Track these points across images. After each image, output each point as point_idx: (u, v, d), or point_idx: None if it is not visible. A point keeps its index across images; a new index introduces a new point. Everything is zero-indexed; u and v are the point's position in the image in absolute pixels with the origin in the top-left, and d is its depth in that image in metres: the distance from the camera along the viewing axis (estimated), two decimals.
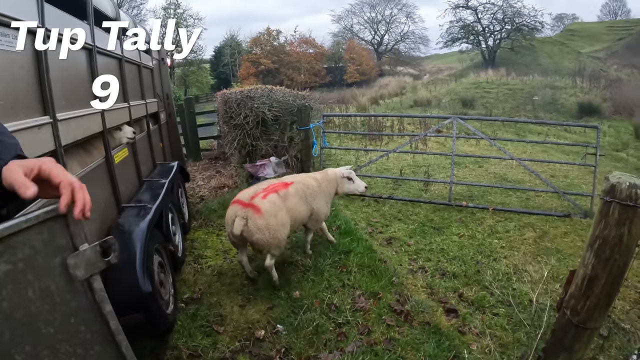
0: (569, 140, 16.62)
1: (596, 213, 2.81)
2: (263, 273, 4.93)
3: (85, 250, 1.38)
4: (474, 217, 7.47)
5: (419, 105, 27.33)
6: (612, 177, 2.71)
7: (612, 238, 2.69)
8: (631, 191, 2.59)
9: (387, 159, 10.70)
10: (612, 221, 2.67)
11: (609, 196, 2.67)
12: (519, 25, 49.19)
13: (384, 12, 66.37)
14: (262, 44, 59.25)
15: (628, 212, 2.62)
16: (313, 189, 5.08)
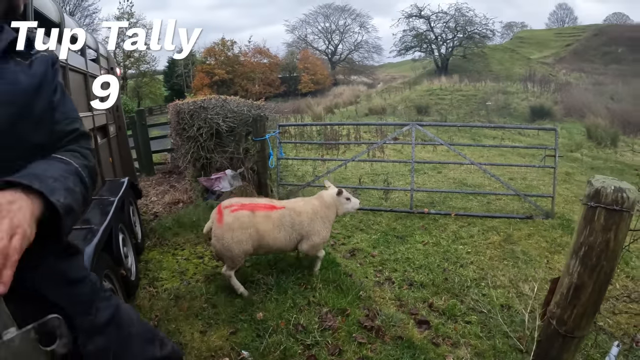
0: (523, 143, 16.77)
1: (579, 219, 2.70)
2: (223, 294, 4.66)
3: (12, 340, 0.97)
4: (437, 224, 7.38)
5: (374, 113, 27.46)
6: (596, 182, 2.60)
7: (599, 244, 2.58)
8: (617, 195, 2.49)
9: (345, 168, 10.54)
10: (597, 227, 2.56)
11: (593, 201, 2.56)
12: (470, 33, 50.07)
13: (337, 22, 67.03)
14: (217, 54, 58.70)
15: (614, 217, 2.52)
16: (304, 217, 4.86)
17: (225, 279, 4.77)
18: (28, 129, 1.42)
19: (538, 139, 17.88)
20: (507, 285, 5.25)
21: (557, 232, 7.11)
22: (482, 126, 15.30)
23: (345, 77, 62.60)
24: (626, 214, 2.54)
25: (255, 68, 58.03)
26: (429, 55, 52.69)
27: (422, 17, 51.52)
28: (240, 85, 55.78)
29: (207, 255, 5.89)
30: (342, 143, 13.37)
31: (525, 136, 18.44)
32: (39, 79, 1.49)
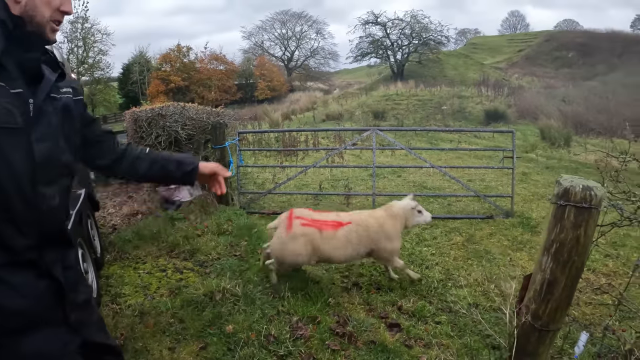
0: (480, 146, 17.05)
1: (549, 218, 2.74)
2: (190, 308, 4.54)
3: None
4: None
5: (331, 119, 27.55)
6: (564, 181, 2.66)
7: (570, 240, 2.64)
8: (585, 193, 2.56)
9: (305, 174, 10.46)
10: (568, 224, 2.63)
11: (562, 200, 2.62)
12: (426, 39, 50.65)
13: (294, 28, 67.09)
14: (172, 61, 57.70)
15: (584, 214, 2.59)
16: (372, 230, 4.92)
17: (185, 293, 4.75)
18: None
19: (494, 141, 18.25)
20: (473, 284, 5.32)
21: (517, 230, 7.28)
22: (440, 130, 15.43)
23: (301, 83, 62.54)
24: (594, 210, 2.61)
25: (211, 75, 57.30)
26: (385, 61, 53.13)
27: (378, 23, 52.00)
28: (197, 92, 54.93)
29: (169, 268, 5.72)
30: (302, 149, 13.29)
31: (481, 139, 18.76)
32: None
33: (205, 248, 6.10)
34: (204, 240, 6.35)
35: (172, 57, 58.21)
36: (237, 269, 5.38)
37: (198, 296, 4.62)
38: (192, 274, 5.45)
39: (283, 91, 58.60)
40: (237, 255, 5.92)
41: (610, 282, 5.55)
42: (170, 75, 55.90)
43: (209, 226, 6.92)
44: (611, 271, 5.86)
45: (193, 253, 6.04)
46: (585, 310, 4.83)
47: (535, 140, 18.84)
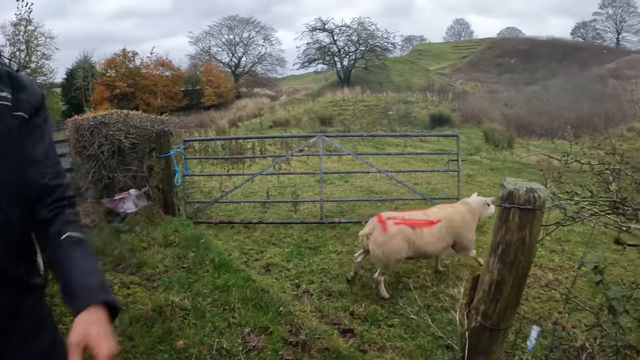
0: (425, 150, 17.43)
1: (495, 220, 2.80)
2: (138, 324, 4.37)
3: None
4: (348, 232, 7.43)
5: (278, 125, 27.54)
6: (508, 184, 2.71)
7: (515, 241, 2.69)
8: (529, 195, 2.61)
9: (252, 182, 10.35)
10: (513, 226, 2.67)
11: (507, 202, 2.66)
12: (372, 46, 50.99)
13: (242, 34, 66.31)
14: (117, 66, 55.84)
15: (528, 216, 2.64)
16: (457, 224, 5.51)
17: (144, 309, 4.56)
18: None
19: (439, 144, 18.55)
20: (423, 286, 5.40)
21: None
22: (386, 135, 15.71)
23: (248, 89, 61.96)
24: (539, 211, 2.67)
25: (157, 81, 55.82)
26: (331, 68, 53.33)
27: (325, 30, 52.05)
28: (142, 98, 53.33)
29: (116, 284, 5.44)
30: (248, 157, 13.20)
31: (426, 142, 19.06)
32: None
33: (152, 261, 5.90)
34: (151, 253, 6.15)
35: (117, 63, 56.31)
36: (185, 281, 5.23)
37: (146, 312, 4.44)
38: (139, 288, 5.22)
39: (230, 98, 57.80)
40: (184, 267, 5.76)
41: (557, 277, 5.77)
42: (115, 81, 53.96)
43: (155, 238, 6.75)
44: (557, 266, 6.12)
45: (140, 267, 5.81)
46: (535, 305, 4.99)
47: (480, 143, 19.33)
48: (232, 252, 6.64)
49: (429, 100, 31.29)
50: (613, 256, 6.22)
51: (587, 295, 5.04)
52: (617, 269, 5.98)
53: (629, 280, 5.44)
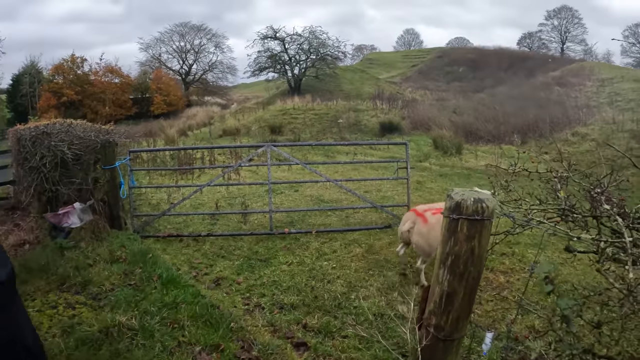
0: (375, 157, 17.53)
1: (442, 231, 2.80)
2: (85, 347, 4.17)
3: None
4: (299, 243, 7.42)
5: (228, 134, 27.30)
6: (455, 195, 2.72)
7: (464, 252, 2.70)
8: (477, 206, 2.62)
9: (201, 193, 10.12)
10: (461, 237, 2.68)
11: (455, 213, 2.68)
12: (323, 55, 51.10)
13: (193, 41, 65.44)
14: (65, 72, 53.87)
15: (476, 226, 2.65)
16: None
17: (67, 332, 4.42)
18: None
19: (389, 152, 18.69)
20: (376, 295, 5.42)
21: None
22: (336, 144, 15.74)
23: (199, 98, 61.10)
24: (487, 222, 2.68)
25: (105, 88, 54.13)
26: (282, 76, 53.24)
27: (277, 38, 51.78)
28: (90, 106, 51.60)
29: (61, 304, 5.22)
30: (196, 168, 13.04)
31: (376, 150, 19.17)
32: None
33: (98, 279, 5.68)
34: (96, 270, 5.92)
35: (65, 69, 54.15)
36: (133, 299, 5.05)
37: (93, 333, 4.26)
38: (85, 308, 5.02)
39: (180, 106, 56.73)
40: (131, 284, 5.56)
41: (509, 279, 5.92)
42: (62, 88, 52.12)
43: (101, 254, 6.53)
44: (508, 268, 6.25)
45: (85, 285, 5.58)
46: (488, 307, 5.10)
47: (429, 150, 19.54)
48: (181, 266, 6.50)
49: (379, 108, 31.48)
50: (562, 256, 6.37)
51: (539, 297, 5.19)
52: (566, 268, 6.14)
53: (578, 279, 5.63)
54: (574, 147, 18.88)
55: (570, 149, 18.49)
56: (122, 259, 6.39)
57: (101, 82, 54.84)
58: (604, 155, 16.27)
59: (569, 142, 19.61)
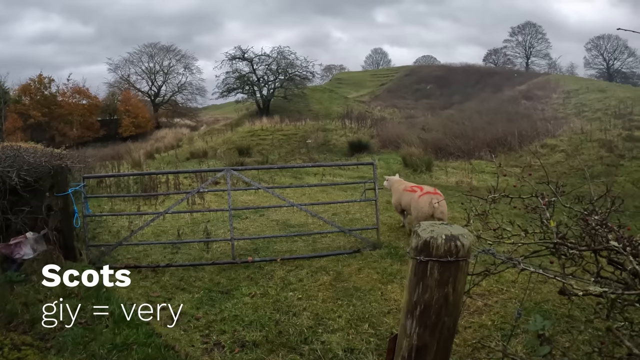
0: (344, 177, 17.52)
1: (409, 274, 2.43)
2: None
3: None
4: (263, 272, 7.08)
5: (195, 157, 26.91)
6: (423, 232, 2.34)
7: (436, 301, 2.32)
8: (450, 245, 2.25)
9: (163, 219, 9.72)
10: (432, 283, 2.30)
11: (423, 255, 2.29)
12: (292, 75, 51.09)
13: (162, 62, 64.77)
14: (32, 93, 52.78)
15: (450, 269, 2.27)
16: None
17: None
18: None
19: (359, 171, 18.51)
20: (345, 327, 5.15)
21: (386, 261, 7.31)
22: (302, 166, 15.48)
23: (168, 119, 60.58)
24: (463, 262, 2.33)
25: (73, 110, 53.08)
26: (250, 97, 53.00)
27: (245, 59, 51.55)
28: (57, 128, 50.41)
29: (6, 345, 4.78)
30: (155, 194, 12.35)
31: (345, 170, 19.01)
32: None
33: (48, 316, 5.26)
34: (47, 307, 5.51)
35: (32, 89, 53.08)
36: (81, 340, 4.69)
37: None
38: (31, 350, 4.65)
39: (149, 128, 56.01)
40: (82, 322, 5.17)
41: (487, 302, 5.68)
42: (29, 109, 51.00)
43: (52, 288, 6.11)
44: (485, 290, 5.99)
45: (34, 323, 5.17)
46: (466, 335, 4.84)
47: (398, 168, 19.38)
48: (137, 300, 6.07)
49: (348, 127, 31.47)
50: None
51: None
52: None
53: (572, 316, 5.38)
54: (544, 159, 19.01)
55: (540, 161, 18.39)
56: (75, 293, 5.97)
57: (69, 104, 53.82)
58: (572, 165, 17.30)
59: (538, 154, 19.76)
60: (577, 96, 31.49)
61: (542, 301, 5.75)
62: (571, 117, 25.46)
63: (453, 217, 10.25)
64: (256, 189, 8.80)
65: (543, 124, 23.79)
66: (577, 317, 5.26)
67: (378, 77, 66.57)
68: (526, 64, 72.50)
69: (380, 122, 33.98)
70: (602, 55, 69.31)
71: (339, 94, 55.31)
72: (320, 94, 53.46)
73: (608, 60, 68.85)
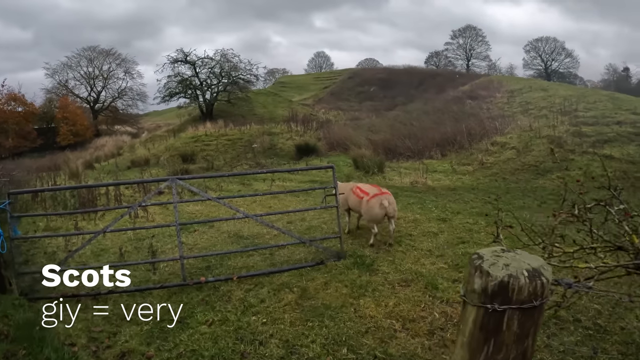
0: (293, 182, 17.13)
1: (469, 327, 1.74)
2: None
3: None
4: (219, 293, 6.33)
5: (137, 165, 25.96)
6: (494, 268, 1.66)
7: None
8: (535, 284, 1.61)
9: (103, 236, 8.64)
10: (509, 338, 1.63)
11: (498, 301, 1.63)
12: (235, 78, 50.45)
13: (102, 66, 62.61)
14: None
15: (533, 316, 1.63)
16: None
17: None
18: None
19: (308, 175, 18.28)
20: (322, 354, 4.62)
21: (353, 272, 6.79)
22: (253, 173, 14.74)
23: (108, 127, 58.62)
24: (544, 305, 1.70)
25: (8, 118, 50.40)
26: (193, 101, 51.92)
27: (187, 62, 50.46)
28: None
29: None
30: (91, 211, 10.49)
31: (295, 175, 18.60)
32: None
33: None
34: None
35: None
36: None
37: None
38: None
39: (88, 136, 53.94)
40: None
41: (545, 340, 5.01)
42: None
43: None
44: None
45: None
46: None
47: (350, 170, 19.26)
48: (77, 338, 5.19)
49: (294, 130, 31.33)
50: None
51: None
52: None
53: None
54: (495, 157, 19.64)
55: (492, 159, 19.24)
56: (4, 334, 5.02)
57: (3, 111, 51.17)
58: (524, 161, 17.95)
59: (489, 152, 20.27)
60: (521, 95, 32.20)
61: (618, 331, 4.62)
62: (518, 115, 26.08)
63: (415, 219, 9.95)
64: (205, 199, 8.04)
65: (491, 123, 24.19)
66: (565, 317, 4.74)
67: (321, 80, 67.41)
68: (467, 65, 76.19)
69: (326, 124, 34.17)
70: (540, 57, 73.70)
71: (283, 98, 55.20)
72: (264, 97, 53.19)
73: (546, 61, 73.31)
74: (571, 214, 2.74)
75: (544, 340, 4.23)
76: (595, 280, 2.28)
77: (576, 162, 17.26)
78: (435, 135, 23.63)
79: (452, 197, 12.90)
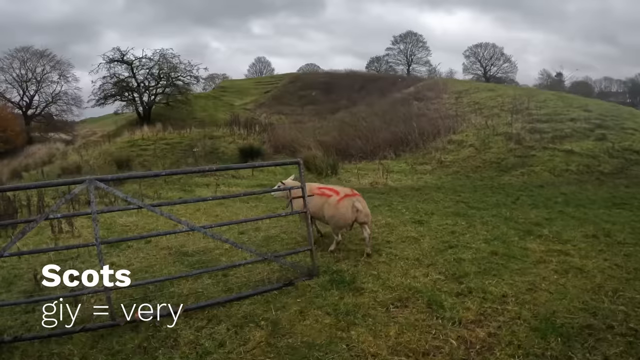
0: (240, 186, 16.26)
1: None
2: None
3: None
4: (162, 335, 4.67)
5: (68, 173, 24.22)
6: None
7: None
8: None
9: (18, 258, 7.04)
10: None
11: None
12: (175, 79, 48.87)
13: (35, 69, 59.12)
14: None
15: None
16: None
17: None
18: None
19: (255, 179, 17.60)
20: None
21: (333, 294, 5.36)
22: (199, 171, 13.07)
23: (42, 134, 55.53)
24: None
25: None
26: (130, 105, 49.91)
27: (124, 62, 48.47)
28: None
29: None
30: (10, 223, 8.31)
31: (240, 178, 17.90)
32: None
33: None
34: None
35: None
36: None
37: None
38: None
39: (20, 143, 51.14)
40: None
41: (489, 332, 4.35)
42: None
43: None
44: (478, 315, 4.64)
45: None
46: None
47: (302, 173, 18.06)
48: None
49: (237, 134, 30.77)
50: None
51: None
52: None
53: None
54: (454, 155, 19.56)
55: (450, 157, 19.19)
56: None
57: None
58: (485, 159, 18.30)
59: (447, 150, 20.28)
60: (469, 95, 32.13)
61: (549, 315, 4.68)
62: (469, 115, 25.89)
63: (387, 222, 8.94)
64: (135, 208, 5.99)
65: (443, 122, 24.14)
66: (597, 326, 4.41)
67: (262, 85, 67.36)
68: (407, 70, 78.34)
69: (269, 127, 33.80)
70: (479, 62, 77.18)
71: (224, 102, 54.91)
72: (205, 101, 52.87)
73: (485, 66, 77.02)
74: None
75: (586, 356, 3.76)
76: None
77: (538, 157, 17.47)
78: (386, 136, 23.38)
79: (419, 198, 12.23)
